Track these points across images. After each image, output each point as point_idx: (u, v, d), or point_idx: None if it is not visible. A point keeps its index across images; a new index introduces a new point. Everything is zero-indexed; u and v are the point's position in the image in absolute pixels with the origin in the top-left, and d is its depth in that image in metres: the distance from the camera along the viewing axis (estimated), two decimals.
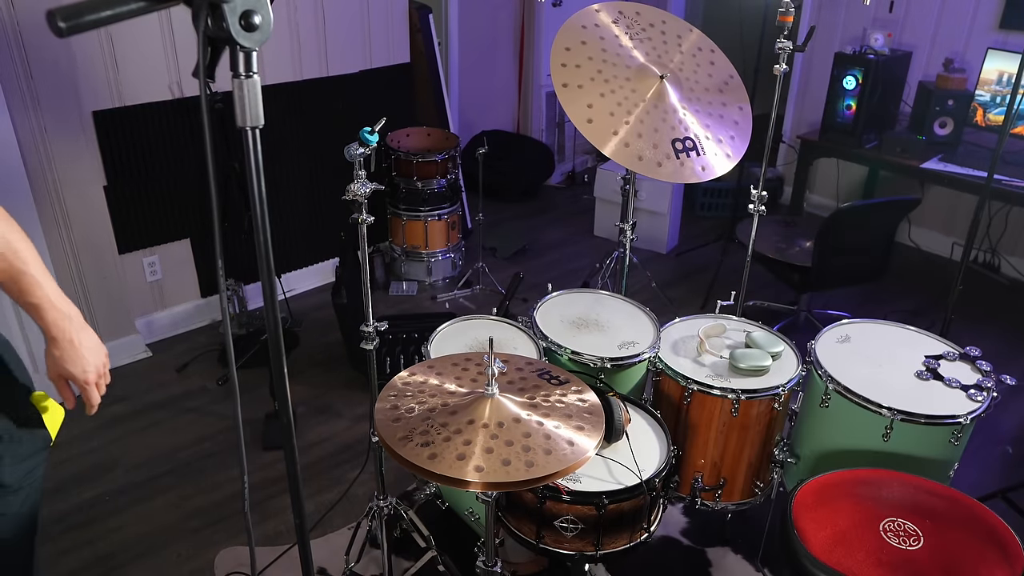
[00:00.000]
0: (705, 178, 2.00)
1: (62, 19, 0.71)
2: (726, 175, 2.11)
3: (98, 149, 3.06)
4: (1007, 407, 3.09)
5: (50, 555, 2.39)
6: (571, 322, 2.31)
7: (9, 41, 2.65)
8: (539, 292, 2.47)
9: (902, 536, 1.61)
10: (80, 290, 3.07)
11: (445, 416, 1.45)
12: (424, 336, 2.23)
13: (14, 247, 1.30)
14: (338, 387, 3.19)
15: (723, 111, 2.14)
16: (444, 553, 2.23)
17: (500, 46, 5.10)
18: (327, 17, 3.58)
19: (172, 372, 3.26)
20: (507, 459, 1.35)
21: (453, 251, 4.04)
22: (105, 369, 1.44)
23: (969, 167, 3.64)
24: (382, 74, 3.89)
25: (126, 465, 2.74)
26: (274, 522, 2.49)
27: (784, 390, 2.07)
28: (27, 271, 1.32)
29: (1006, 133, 2.47)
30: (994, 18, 3.98)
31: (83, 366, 1.41)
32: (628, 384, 2.19)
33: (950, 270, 4.13)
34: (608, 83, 2.00)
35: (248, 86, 0.88)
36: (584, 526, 1.70)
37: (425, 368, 1.65)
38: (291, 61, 3.52)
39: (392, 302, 3.87)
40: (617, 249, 3.41)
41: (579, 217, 4.85)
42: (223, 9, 0.80)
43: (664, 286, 3.97)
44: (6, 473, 1.49)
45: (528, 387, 1.58)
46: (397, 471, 2.57)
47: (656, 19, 2.22)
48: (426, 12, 4.06)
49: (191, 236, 3.45)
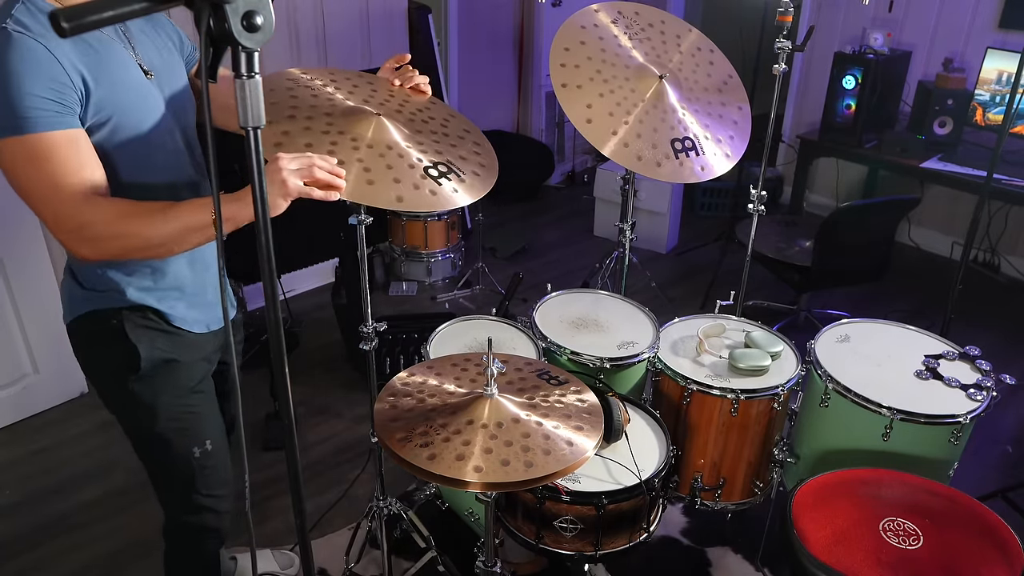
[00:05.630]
0: (704, 178, 2.00)
1: (65, 19, 0.71)
2: (726, 175, 2.11)
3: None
4: (1007, 407, 3.10)
5: (50, 555, 2.39)
6: (571, 322, 2.31)
7: None
8: (539, 292, 2.47)
9: (902, 536, 1.61)
10: None
11: (444, 416, 1.46)
12: (424, 336, 2.23)
13: (174, 233, 1.35)
14: (338, 387, 3.19)
15: (722, 111, 2.14)
16: (444, 553, 2.23)
17: (499, 46, 5.10)
18: (327, 17, 3.58)
19: None
20: (506, 459, 1.35)
21: (453, 251, 4.04)
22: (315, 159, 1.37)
23: (969, 166, 3.65)
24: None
25: (125, 466, 2.74)
26: (274, 522, 2.50)
27: (784, 390, 2.08)
28: (212, 220, 1.34)
29: (1005, 132, 2.47)
30: (993, 17, 3.98)
31: (295, 173, 1.35)
32: (627, 384, 2.20)
33: (950, 270, 4.13)
34: (607, 83, 2.00)
35: (250, 86, 0.88)
36: (584, 526, 1.71)
37: (424, 368, 1.65)
38: (291, 61, 3.52)
39: (392, 302, 3.87)
40: (617, 249, 3.41)
41: (579, 217, 4.85)
42: (225, 10, 0.81)
43: (664, 286, 3.97)
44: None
45: (527, 387, 1.58)
46: (397, 471, 2.57)
47: (655, 19, 2.22)
48: (425, 12, 4.06)
49: None
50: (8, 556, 2.38)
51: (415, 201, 1.50)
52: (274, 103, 1.61)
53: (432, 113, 1.78)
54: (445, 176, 1.58)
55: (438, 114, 1.79)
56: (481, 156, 1.72)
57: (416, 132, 1.67)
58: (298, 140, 1.52)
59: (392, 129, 1.62)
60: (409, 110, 1.74)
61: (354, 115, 1.61)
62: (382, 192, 1.48)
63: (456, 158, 1.66)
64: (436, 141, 1.68)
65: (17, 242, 2.78)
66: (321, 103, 1.64)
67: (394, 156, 1.56)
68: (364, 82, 1.79)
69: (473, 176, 1.63)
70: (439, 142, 1.68)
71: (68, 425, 2.94)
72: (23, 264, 2.82)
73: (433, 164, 1.59)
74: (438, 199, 1.53)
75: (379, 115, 1.61)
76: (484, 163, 1.70)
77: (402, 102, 1.75)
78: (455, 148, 1.69)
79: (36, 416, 2.97)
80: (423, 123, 1.73)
